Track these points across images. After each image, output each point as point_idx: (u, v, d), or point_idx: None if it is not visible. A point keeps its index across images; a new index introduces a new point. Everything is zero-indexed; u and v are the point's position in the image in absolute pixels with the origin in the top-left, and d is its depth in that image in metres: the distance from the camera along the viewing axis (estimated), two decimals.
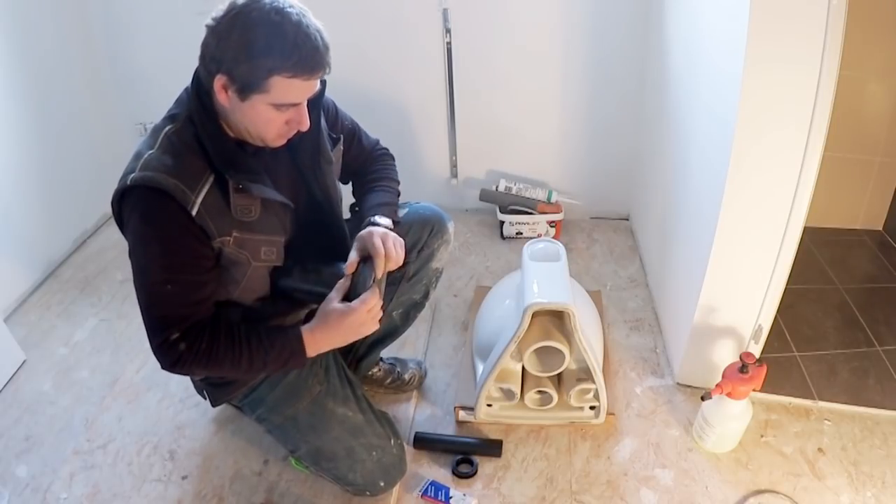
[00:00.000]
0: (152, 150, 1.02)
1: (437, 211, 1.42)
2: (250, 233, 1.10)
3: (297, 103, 1.03)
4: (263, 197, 1.09)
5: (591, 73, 2.13)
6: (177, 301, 1.04)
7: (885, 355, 1.71)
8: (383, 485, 1.35)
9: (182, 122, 1.05)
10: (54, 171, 2.17)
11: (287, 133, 1.08)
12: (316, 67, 0.99)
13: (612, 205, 2.42)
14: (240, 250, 1.10)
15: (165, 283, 1.02)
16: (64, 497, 1.41)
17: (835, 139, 1.34)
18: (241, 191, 1.05)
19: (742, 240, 1.36)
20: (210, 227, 1.03)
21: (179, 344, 1.03)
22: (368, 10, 2.08)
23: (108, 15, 2.22)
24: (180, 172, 1.00)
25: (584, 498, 1.38)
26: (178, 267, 1.03)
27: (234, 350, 1.08)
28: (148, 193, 0.99)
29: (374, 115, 2.00)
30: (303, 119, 1.06)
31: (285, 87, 0.98)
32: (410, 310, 1.50)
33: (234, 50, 0.96)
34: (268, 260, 1.15)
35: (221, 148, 1.05)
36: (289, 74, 0.97)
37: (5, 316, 1.92)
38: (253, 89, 0.98)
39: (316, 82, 1.03)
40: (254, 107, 1.01)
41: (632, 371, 1.71)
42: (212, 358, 1.06)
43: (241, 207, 1.07)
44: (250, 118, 1.03)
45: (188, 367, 1.06)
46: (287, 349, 1.11)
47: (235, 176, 1.04)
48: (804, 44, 1.13)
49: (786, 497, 1.36)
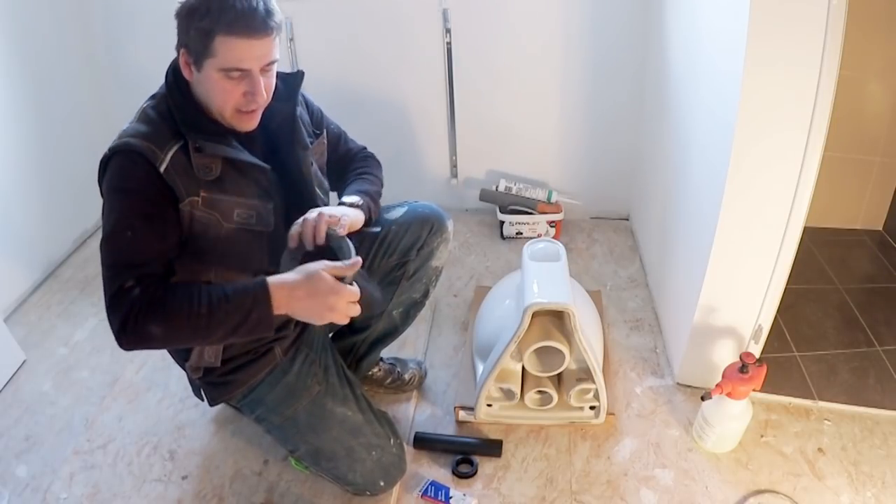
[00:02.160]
0: (130, 123, 1.10)
1: (437, 210, 1.42)
2: (220, 193, 1.11)
3: (246, 69, 1.05)
4: (225, 156, 1.11)
5: (591, 73, 2.13)
6: (135, 247, 1.04)
7: (885, 355, 1.71)
8: (383, 484, 1.35)
9: (159, 98, 1.13)
10: (54, 171, 2.17)
11: (245, 107, 1.09)
12: (253, 25, 1.02)
13: (612, 205, 2.42)
14: (210, 211, 1.10)
15: (125, 230, 1.04)
16: (64, 497, 1.41)
17: (835, 139, 1.34)
18: (199, 150, 1.08)
19: (742, 240, 1.36)
20: (178, 186, 1.07)
21: (133, 290, 1.00)
22: (368, 10, 2.08)
23: (108, 14, 2.22)
24: (150, 135, 1.06)
25: (584, 498, 1.38)
26: (141, 216, 1.05)
27: (191, 296, 1.02)
28: (121, 156, 1.06)
29: (374, 114, 2.01)
30: (257, 89, 1.07)
31: (228, 48, 1.02)
32: (410, 309, 1.50)
33: (186, 20, 1.03)
34: (244, 223, 1.14)
35: (185, 113, 1.10)
36: (226, 31, 1.01)
37: (5, 316, 1.92)
38: (202, 55, 1.04)
39: (262, 46, 1.05)
40: (209, 76, 1.05)
41: (632, 371, 1.71)
42: (168, 306, 1.01)
43: (202, 167, 1.09)
44: (208, 89, 1.08)
45: (142, 321, 0.99)
46: (250, 295, 1.02)
47: (195, 137, 1.08)
48: (804, 44, 1.13)
49: (786, 497, 1.36)
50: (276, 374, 1.28)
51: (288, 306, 1.04)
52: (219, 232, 1.12)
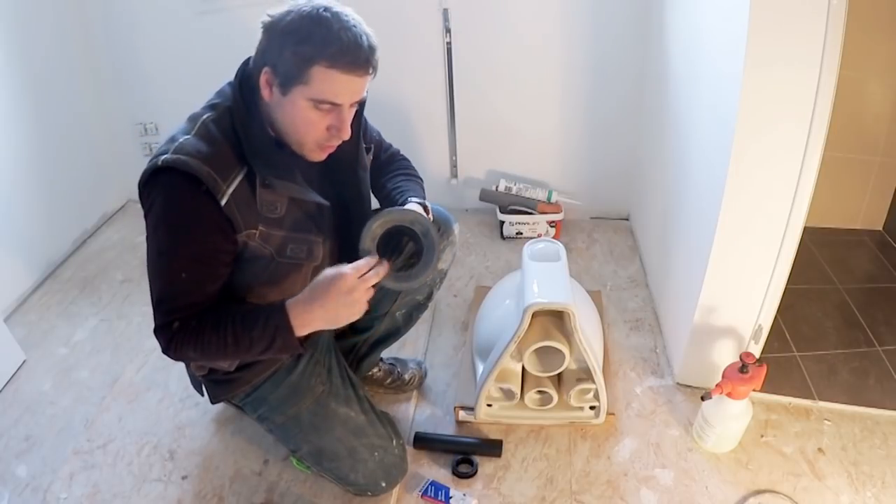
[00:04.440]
0: (188, 135, 1.01)
1: (443, 212, 1.40)
2: (277, 228, 1.09)
3: (338, 103, 1.01)
4: (291, 196, 1.08)
5: (592, 72, 2.13)
6: (187, 289, 1.04)
7: (885, 355, 1.71)
8: (385, 485, 1.35)
9: (221, 112, 1.05)
10: (54, 171, 2.17)
11: (326, 141, 1.06)
12: (357, 61, 0.98)
13: (612, 205, 2.42)
14: (264, 244, 1.09)
15: (180, 271, 1.02)
16: (64, 497, 1.41)
17: (835, 139, 1.34)
18: (267, 186, 1.05)
19: (742, 240, 1.36)
20: (237, 219, 1.03)
21: (174, 324, 1.03)
22: (368, 9, 2.05)
23: (108, 15, 2.22)
24: (214, 161, 0.99)
25: (584, 498, 1.38)
26: (197, 257, 1.03)
27: (219, 327, 1.04)
28: (179, 177, 0.98)
29: (374, 114, 1.98)
30: (343, 126, 1.03)
31: (325, 80, 0.97)
32: (413, 311, 1.50)
33: (280, 40, 0.97)
34: (295, 258, 1.13)
35: (255, 140, 1.04)
36: (328, 64, 0.96)
37: (5, 316, 1.92)
38: (293, 80, 0.98)
39: (359, 83, 1.01)
40: (294, 102, 1.00)
41: (632, 371, 1.71)
42: (201, 337, 1.04)
43: (267, 203, 1.06)
44: (291, 117, 1.02)
45: (182, 349, 1.04)
46: (271, 322, 1.04)
47: (263, 170, 1.03)
48: (804, 44, 1.13)
49: (786, 497, 1.36)
50: (280, 373, 1.28)
51: (311, 324, 1.05)
52: (268, 265, 1.11)
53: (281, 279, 1.15)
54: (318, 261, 1.17)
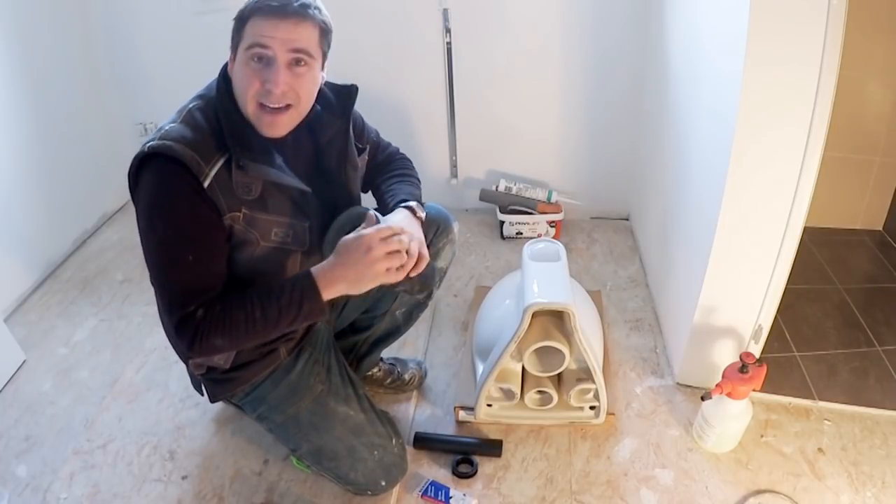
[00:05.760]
0: (174, 123, 1.05)
1: (443, 211, 1.41)
2: (259, 212, 1.10)
3: (266, 46, 1.02)
4: (269, 179, 1.09)
5: (591, 72, 2.13)
6: (197, 274, 1.05)
7: (885, 355, 1.71)
8: (384, 484, 1.35)
9: (206, 101, 1.09)
10: (54, 171, 2.17)
11: (265, 97, 1.05)
12: (285, 7, 1.01)
13: (612, 205, 2.42)
14: (248, 228, 1.10)
15: (187, 255, 1.03)
16: (64, 497, 1.41)
17: (835, 139, 1.34)
18: (241, 168, 1.06)
19: (742, 240, 1.37)
20: (221, 201, 1.05)
21: (197, 313, 1.04)
22: (369, 9, 2.08)
23: (108, 15, 2.22)
24: (197, 145, 1.03)
25: (584, 498, 1.38)
26: (197, 236, 1.04)
27: (245, 304, 1.06)
28: (165, 163, 1.01)
29: (374, 114, 1.98)
30: (274, 77, 1.02)
31: (255, 26, 1.02)
32: (413, 309, 1.50)
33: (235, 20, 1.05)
34: (281, 243, 1.15)
35: (234, 125, 1.07)
36: (258, 15, 1.01)
37: (5, 316, 1.92)
38: (237, 42, 1.05)
39: (290, 30, 1.02)
40: (238, 63, 1.05)
41: (632, 371, 1.71)
42: (227, 319, 1.05)
43: (242, 185, 1.07)
44: (238, 79, 1.06)
45: (207, 338, 1.04)
46: (298, 286, 1.06)
47: (239, 153, 1.06)
48: (804, 44, 1.13)
49: (786, 497, 1.36)
50: (280, 372, 1.28)
51: (335, 285, 1.07)
52: (254, 251, 1.12)
53: (273, 266, 1.16)
54: (306, 246, 1.18)
